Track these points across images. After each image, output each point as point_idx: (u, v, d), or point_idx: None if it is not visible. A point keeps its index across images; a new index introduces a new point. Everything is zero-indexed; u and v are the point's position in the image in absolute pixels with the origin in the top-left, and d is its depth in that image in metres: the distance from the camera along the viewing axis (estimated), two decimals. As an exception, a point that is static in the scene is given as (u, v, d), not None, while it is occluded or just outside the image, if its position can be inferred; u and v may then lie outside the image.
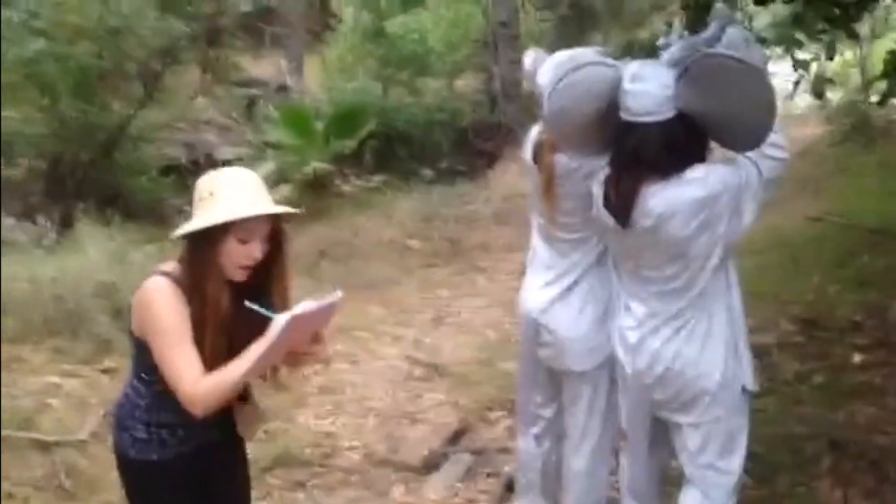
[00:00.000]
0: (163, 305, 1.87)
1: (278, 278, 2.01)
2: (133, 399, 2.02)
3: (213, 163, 10.77)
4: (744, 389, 2.37)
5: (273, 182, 9.80)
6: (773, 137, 2.20)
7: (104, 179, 8.45)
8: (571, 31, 13.62)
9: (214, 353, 1.88)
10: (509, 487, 3.28)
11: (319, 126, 10.22)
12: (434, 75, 12.21)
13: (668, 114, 2.17)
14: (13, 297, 5.00)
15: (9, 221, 8.60)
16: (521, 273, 2.87)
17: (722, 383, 2.30)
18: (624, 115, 2.21)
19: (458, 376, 4.60)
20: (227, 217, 1.85)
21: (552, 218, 2.63)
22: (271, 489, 3.54)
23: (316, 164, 9.46)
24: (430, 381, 4.62)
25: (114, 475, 3.65)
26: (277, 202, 1.99)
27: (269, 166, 9.98)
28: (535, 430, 2.85)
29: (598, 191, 2.33)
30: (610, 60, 2.28)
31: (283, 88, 15.72)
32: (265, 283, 1.98)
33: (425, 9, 12.39)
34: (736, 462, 2.39)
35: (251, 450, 3.81)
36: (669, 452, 2.52)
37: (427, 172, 10.81)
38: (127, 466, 2.06)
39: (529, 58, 2.61)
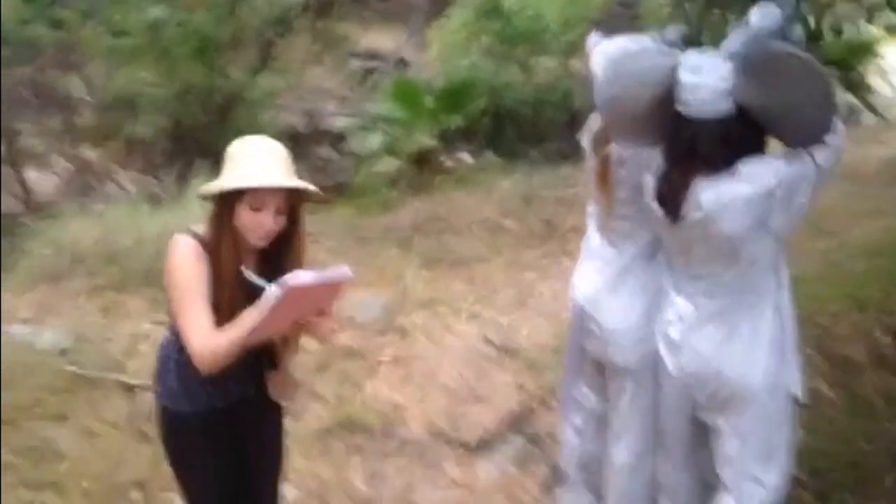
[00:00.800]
0: (180, 262, 1.97)
1: (293, 252, 2.07)
2: (168, 351, 2.14)
3: (326, 132, 11.08)
4: (791, 398, 2.29)
5: (380, 155, 9.99)
6: None
7: (221, 142, 8.83)
8: (698, 11, 13.12)
9: (232, 313, 1.95)
10: (557, 475, 3.28)
11: (430, 101, 10.29)
12: (549, 54, 12.03)
13: (725, 107, 2.11)
14: (117, 248, 5.34)
15: (132, 174, 9.17)
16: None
17: (764, 386, 2.24)
18: (679, 107, 2.16)
19: (529, 360, 4.60)
20: (232, 184, 1.93)
21: (606, 207, 2.60)
22: (329, 451, 3.67)
23: (421, 139, 9.55)
24: (500, 363, 4.63)
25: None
26: (381, 174, 2.02)
27: (376, 138, 10.16)
28: (577, 420, 2.83)
29: (650, 181, 2.29)
30: (666, 48, 2.23)
31: (402, 62, 15.93)
32: (283, 254, 2.05)
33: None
34: (775, 475, 2.31)
35: (318, 411, 4.01)
36: (708, 456, 2.47)
37: (534, 153, 10.72)
38: (161, 415, 2.19)
39: (591, 41, 2.56)
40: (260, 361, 2.17)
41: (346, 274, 1.96)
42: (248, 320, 1.90)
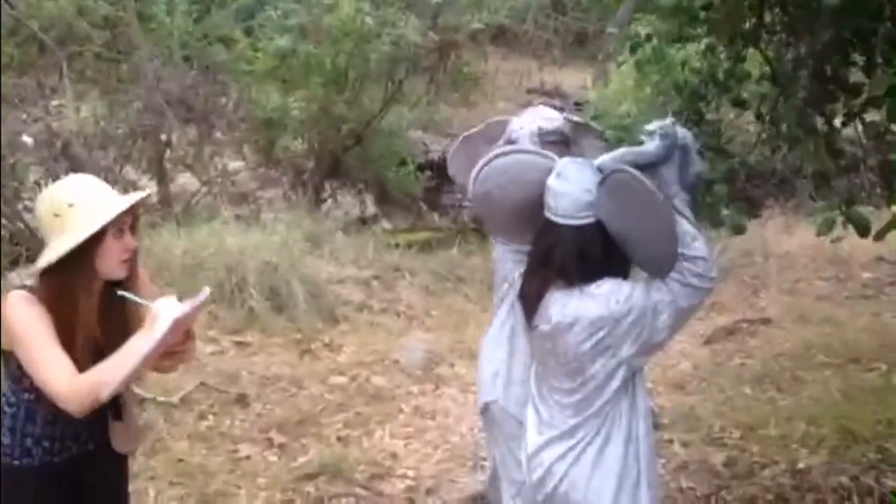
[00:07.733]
0: (18, 315, 1.94)
1: (134, 268, 2.06)
2: (3, 406, 2.08)
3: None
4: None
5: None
6: (699, 266, 1.95)
7: (358, 167, 9.21)
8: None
9: (85, 356, 1.94)
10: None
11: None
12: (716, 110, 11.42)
13: (585, 220, 2.00)
14: (199, 262, 5.66)
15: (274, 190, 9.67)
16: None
17: None
18: (545, 212, 2.05)
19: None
20: (105, 219, 1.92)
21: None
22: (298, 497, 3.63)
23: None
24: (521, 430, 4.43)
25: (183, 444, 4.03)
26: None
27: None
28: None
29: (519, 281, 2.20)
30: (546, 152, 2.19)
31: (578, 104, 15.80)
32: (126, 282, 2.03)
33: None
34: None
35: (312, 451, 4.00)
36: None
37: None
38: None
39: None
40: (101, 413, 2.06)
41: (205, 294, 1.96)
42: (136, 351, 1.86)
